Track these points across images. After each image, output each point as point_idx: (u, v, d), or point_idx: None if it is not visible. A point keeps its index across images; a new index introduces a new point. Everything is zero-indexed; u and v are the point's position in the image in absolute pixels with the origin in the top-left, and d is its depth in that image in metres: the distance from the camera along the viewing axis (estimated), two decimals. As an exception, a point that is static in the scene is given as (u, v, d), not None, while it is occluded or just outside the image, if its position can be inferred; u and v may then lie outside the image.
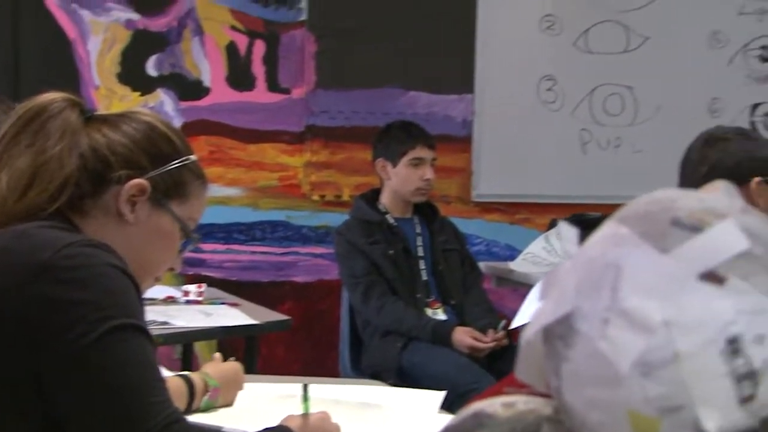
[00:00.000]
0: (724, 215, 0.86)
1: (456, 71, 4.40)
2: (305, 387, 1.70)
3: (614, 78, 4.46)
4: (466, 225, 4.28)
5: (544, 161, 4.47)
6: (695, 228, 0.86)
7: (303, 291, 4.33)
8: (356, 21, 4.30)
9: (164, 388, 1.30)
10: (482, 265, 3.87)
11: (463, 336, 3.29)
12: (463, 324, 3.38)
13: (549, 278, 0.93)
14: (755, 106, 4.48)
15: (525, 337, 0.92)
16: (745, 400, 0.81)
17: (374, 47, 4.31)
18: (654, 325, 0.83)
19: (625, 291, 0.85)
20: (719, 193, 0.91)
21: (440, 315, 3.45)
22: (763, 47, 4.45)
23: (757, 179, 2.22)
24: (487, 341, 3.28)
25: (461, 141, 4.44)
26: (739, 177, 2.18)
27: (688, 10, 4.41)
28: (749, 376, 0.81)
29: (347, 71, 4.32)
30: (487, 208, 4.49)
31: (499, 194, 4.48)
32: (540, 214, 4.38)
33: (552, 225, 3.97)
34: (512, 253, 4.20)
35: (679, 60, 4.43)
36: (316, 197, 4.34)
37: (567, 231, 0.96)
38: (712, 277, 0.83)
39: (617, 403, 0.84)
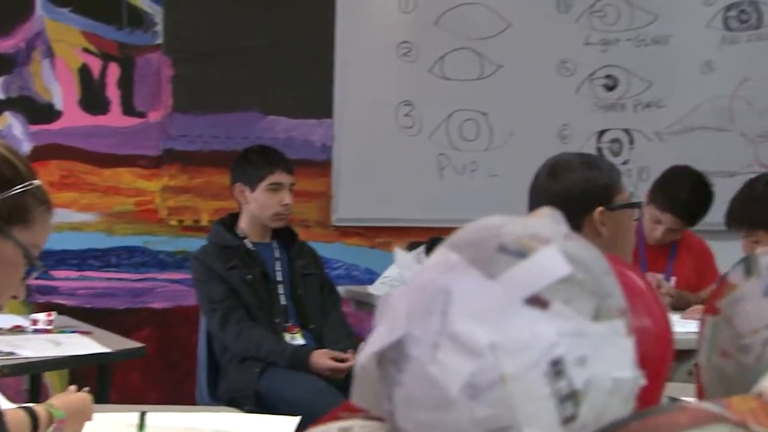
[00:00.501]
0: (547, 241, 0.90)
1: (315, 96, 4.42)
2: (142, 415, 1.67)
3: (470, 104, 4.56)
4: (327, 249, 4.29)
5: (403, 185, 4.53)
6: (520, 254, 0.89)
7: (160, 317, 4.25)
8: (214, 44, 4.28)
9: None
10: (342, 289, 3.89)
11: (322, 359, 3.29)
12: (321, 348, 3.38)
13: (383, 304, 0.95)
14: (602, 132, 4.64)
15: (359, 362, 0.93)
16: (567, 420, 0.84)
17: (232, 71, 4.30)
18: (481, 348, 0.85)
19: (454, 316, 0.87)
20: (544, 220, 0.95)
21: (299, 340, 3.45)
22: (608, 76, 4.62)
23: (599, 208, 2.22)
24: (346, 357, 3.29)
25: (321, 165, 4.45)
26: (583, 206, 2.20)
27: (538, 39, 4.55)
28: (571, 396, 0.84)
29: (205, 95, 4.29)
30: (347, 232, 4.51)
31: (358, 218, 4.51)
32: (399, 237, 4.43)
33: (410, 248, 4.02)
34: (372, 277, 4.23)
35: (531, 87, 4.56)
36: (173, 222, 4.28)
37: (401, 257, 0.98)
38: (537, 301, 0.86)
39: (448, 426, 0.86)
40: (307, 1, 4.41)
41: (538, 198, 2.29)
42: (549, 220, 0.94)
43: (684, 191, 3.62)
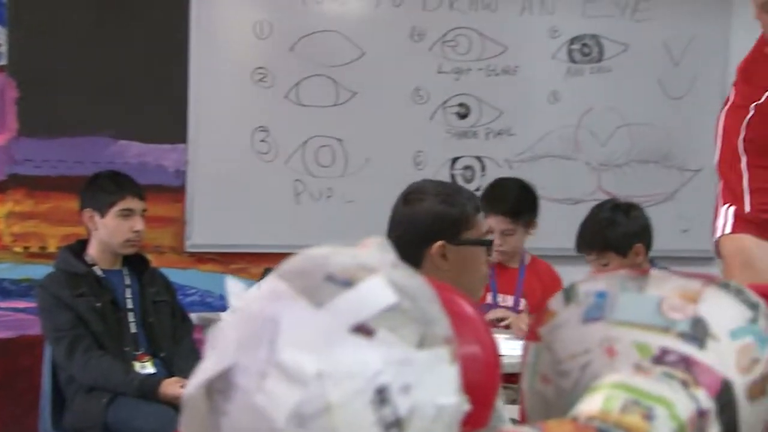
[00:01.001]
0: (374, 270, 0.91)
1: (168, 121, 4.36)
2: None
3: (325, 130, 4.58)
4: (180, 275, 4.23)
5: (259, 211, 4.51)
6: (347, 283, 0.90)
7: (3, 347, 4.10)
8: (62, 66, 4.18)
9: None
10: (195, 315, 3.84)
11: (172, 387, 3.24)
12: (171, 376, 3.33)
13: (214, 333, 0.95)
14: (455, 159, 4.74)
15: (187, 392, 0.93)
16: (391, 446, 0.85)
17: (82, 94, 4.21)
18: (307, 377, 0.86)
19: (281, 345, 0.87)
20: (373, 249, 0.96)
21: (149, 368, 3.39)
22: (460, 104, 4.72)
23: (440, 242, 2.20)
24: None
25: (174, 191, 4.39)
26: (426, 237, 2.19)
27: (392, 67, 4.61)
28: (395, 424, 0.85)
29: (53, 118, 4.18)
30: (202, 258, 4.46)
31: (213, 244, 4.47)
32: (255, 263, 4.41)
33: (265, 274, 4.00)
34: (227, 304, 4.18)
35: (386, 114, 4.62)
36: (18, 249, 4.15)
37: (233, 285, 0.97)
38: (363, 329, 0.88)
39: (274, 455, 0.86)
40: (160, 24, 4.36)
41: (391, 222, 2.30)
42: (377, 250, 0.96)
43: (502, 190, 3.70)
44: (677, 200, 4.90)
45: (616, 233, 3.48)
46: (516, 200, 3.70)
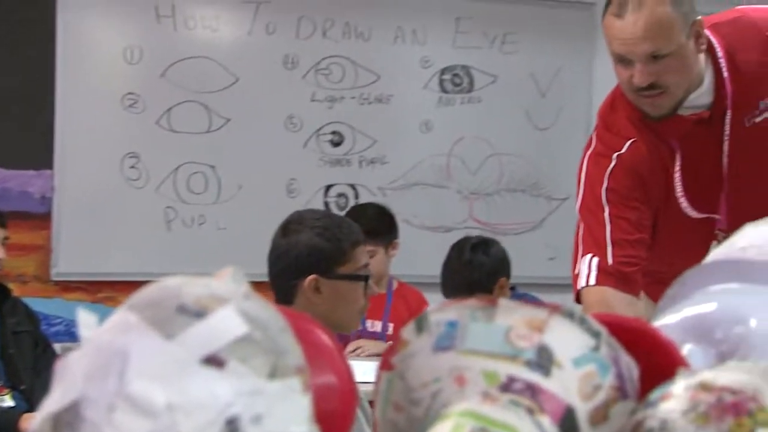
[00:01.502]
0: (226, 301, 0.91)
1: (33, 146, 4.26)
2: None
3: (198, 157, 4.54)
4: (45, 305, 4.12)
5: (129, 238, 4.44)
6: (199, 314, 0.89)
7: None
8: None
9: None
10: (59, 346, 3.73)
11: (32, 422, 3.14)
12: (32, 410, 3.23)
13: (61, 366, 0.93)
14: (328, 187, 4.75)
15: (33, 426, 0.90)
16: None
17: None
18: (157, 409, 0.84)
19: (131, 377, 0.86)
20: (226, 279, 0.96)
21: (8, 401, 3.28)
22: (334, 132, 4.75)
23: (313, 276, 2.20)
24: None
25: (40, 218, 4.28)
26: (300, 270, 2.19)
27: (266, 94, 4.61)
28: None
29: None
30: (68, 287, 4.35)
31: (80, 272, 4.37)
32: (124, 292, 4.29)
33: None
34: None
35: (259, 141, 4.61)
36: None
37: (84, 317, 0.96)
38: (213, 360, 0.87)
39: (122, 490, 0.84)
40: (26, 45, 4.26)
41: (270, 252, 2.29)
42: (230, 280, 0.95)
43: (359, 213, 3.70)
44: (545, 228, 5.02)
45: (481, 274, 3.54)
46: (373, 221, 3.72)
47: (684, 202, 2.14)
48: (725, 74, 2.08)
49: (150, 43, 4.45)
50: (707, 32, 2.09)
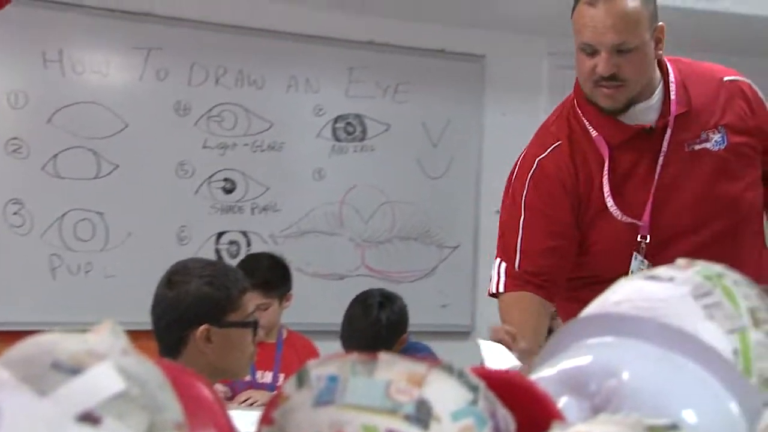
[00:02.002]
0: (103, 356, 0.89)
1: None
2: None
3: (85, 203, 4.45)
4: None
5: (12, 287, 4.31)
6: (74, 370, 0.87)
7: None
8: None
9: None
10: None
11: None
12: None
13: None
14: (220, 234, 4.71)
15: None
16: None
17: None
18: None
19: (1, 437, 0.84)
20: (104, 334, 0.94)
21: None
22: (226, 179, 4.72)
23: (205, 326, 2.18)
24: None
25: None
26: (191, 320, 2.17)
27: (156, 140, 4.56)
28: None
29: None
30: (-54, 337, 4.19)
31: (-41, 322, 4.22)
32: (8, 342, 4.14)
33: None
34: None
35: (149, 188, 4.54)
36: None
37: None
38: (89, 418, 0.85)
39: None
40: None
41: (155, 304, 2.25)
42: (108, 334, 0.94)
43: (253, 265, 3.65)
44: (436, 276, 5.06)
45: (386, 331, 3.56)
46: (267, 274, 3.69)
47: (610, 201, 2.20)
48: (673, 96, 2.20)
49: (36, 88, 4.36)
50: (666, 60, 2.24)
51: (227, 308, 2.22)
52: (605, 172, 2.20)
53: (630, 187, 2.21)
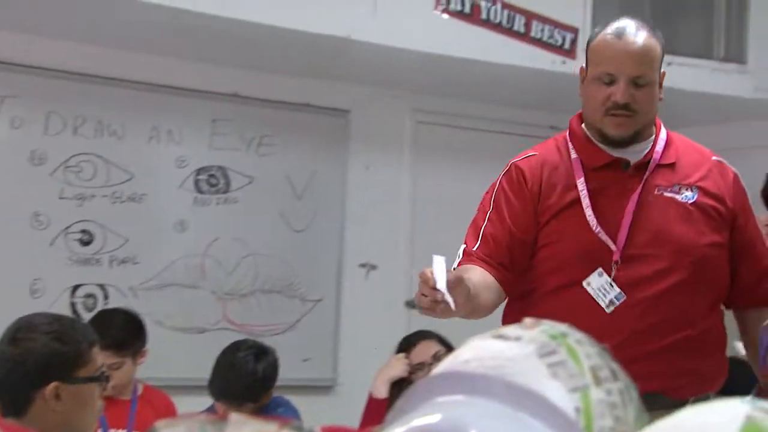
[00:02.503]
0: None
1: None
2: None
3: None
4: None
5: None
6: None
7: None
8: None
9: None
10: None
11: None
12: None
13: None
14: (76, 287, 4.58)
15: None
16: None
17: None
18: None
19: None
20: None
21: None
22: (83, 231, 4.60)
23: (54, 383, 2.12)
24: None
25: None
26: (39, 378, 2.10)
27: (10, 190, 4.41)
28: None
29: None
30: None
31: None
32: None
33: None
34: None
35: (1, 239, 4.39)
36: None
37: None
38: None
39: None
40: None
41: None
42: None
43: (105, 323, 3.55)
44: (299, 329, 5.03)
45: (255, 382, 3.52)
46: (120, 332, 3.59)
47: (589, 212, 2.38)
48: (658, 148, 2.45)
49: None
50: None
51: (77, 364, 2.16)
52: (582, 186, 2.40)
53: (605, 210, 2.39)
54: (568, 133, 2.53)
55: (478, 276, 2.36)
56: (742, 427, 0.73)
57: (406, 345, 3.82)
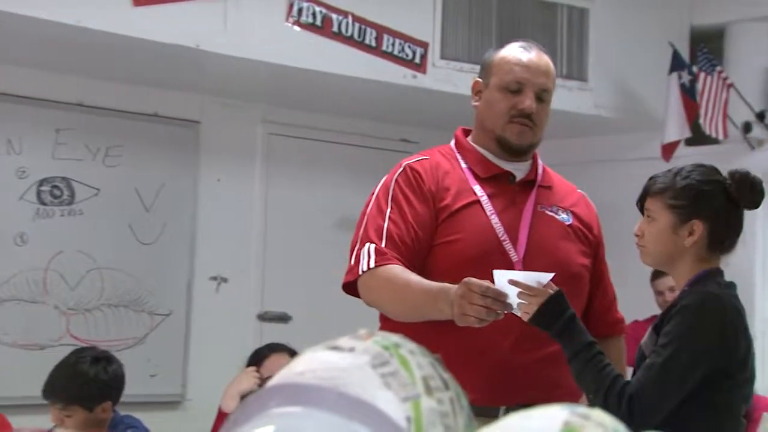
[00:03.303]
0: None
1: None
2: None
3: None
4: None
5: None
6: None
7: None
8: None
9: None
10: None
11: None
12: None
13: None
14: None
15: None
16: None
17: None
18: None
19: None
20: None
21: None
22: None
23: None
24: None
25: None
26: None
27: None
28: None
29: None
30: None
31: None
32: None
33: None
34: None
35: None
36: None
37: None
38: None
39: None
40: None
41: None
42: None
43: None
44: (147, 344, 4.93)
45: (88, 387, 3.38)
46: None
47: (495, 219, 2.42)
48: (539, 169, 2.55)
49: None
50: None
51: None
52: (481, 192, 2.45)
53: (504, 218, 2.44)
54: (453, 144, 2.56)
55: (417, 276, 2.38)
56: (561, 433, 0.75)
57: (257, 358, 3.78)
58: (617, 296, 2.68)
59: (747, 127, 5.24)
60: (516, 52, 2.50)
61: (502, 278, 2.21)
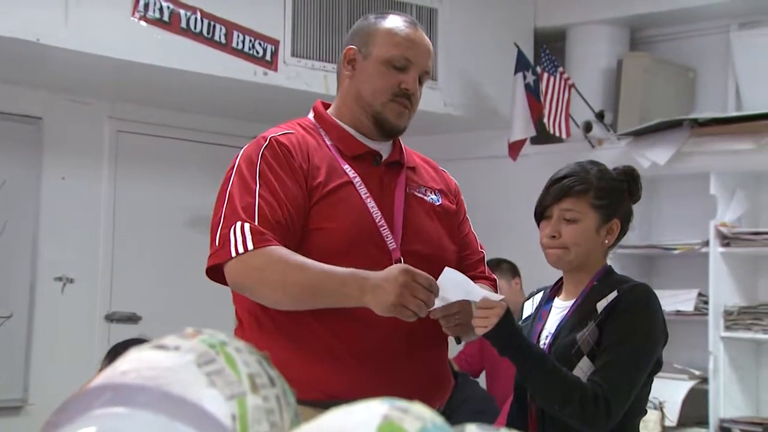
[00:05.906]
0: None
1: None
2: None
3: None
4: None
5: None
6: None
7: None
8: None
9: None
10: None
11: None
12: None
13: None
14: None
15: None
16: None
17: None
18: None
19: None
20: None
21: None
22: None
23: None
24: None
25: None
26: None
27: None
28: None
29: None
30: None
31: None
32: None
33: None
34: None
35: None
36: None
37: None
38: None
39: None
40: None
41: None
42: None
43: None
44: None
45: None
46: None
47: (371, 203, 2.28)
48: (403, 150, 2.44)
49: None
50: None
51: None
52: (353, 174, 2.30)
53: (379, 202, 2.31)
54: (313, 117, 2.40)
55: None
56: (378, 426, 0.76)
57: (115, 354, 3.68)
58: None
59: (588, 127, 5.42)
60: (403, 26, 2.34)
61: (447, 277, 2.13)
